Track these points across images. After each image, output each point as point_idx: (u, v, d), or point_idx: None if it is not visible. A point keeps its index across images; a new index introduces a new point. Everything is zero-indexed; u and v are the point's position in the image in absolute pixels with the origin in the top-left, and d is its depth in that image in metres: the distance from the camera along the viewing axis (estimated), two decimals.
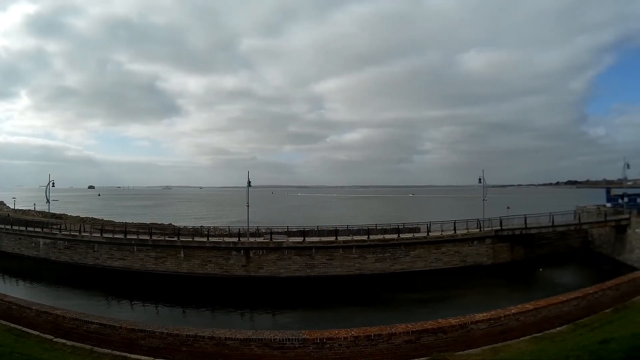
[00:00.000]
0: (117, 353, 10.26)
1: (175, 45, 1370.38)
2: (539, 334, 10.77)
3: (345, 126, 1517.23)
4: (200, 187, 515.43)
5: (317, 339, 9.43)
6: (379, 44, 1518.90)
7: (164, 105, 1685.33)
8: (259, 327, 17.86)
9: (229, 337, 9.73)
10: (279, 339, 9.53)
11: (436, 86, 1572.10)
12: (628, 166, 38.30)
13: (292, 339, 9.51)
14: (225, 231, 34.13)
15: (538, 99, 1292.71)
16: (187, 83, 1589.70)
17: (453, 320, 10.22)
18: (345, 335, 9.52)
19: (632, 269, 25.47)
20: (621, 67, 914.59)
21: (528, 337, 10.64)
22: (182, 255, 28.98)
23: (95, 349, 10.44)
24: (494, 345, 10.22)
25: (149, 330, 10.35)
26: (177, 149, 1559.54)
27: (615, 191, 43.22)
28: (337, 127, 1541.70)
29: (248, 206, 32.50)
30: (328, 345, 9.47)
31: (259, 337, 9.69)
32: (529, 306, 11.11)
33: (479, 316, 10.38)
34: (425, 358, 9.75)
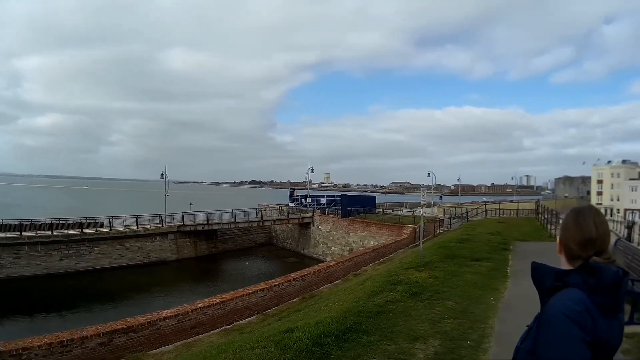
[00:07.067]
0: None
1: None
2: (229, 326, 11.49)
3: (39, 109, 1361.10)
4: None
5: (13, 350, 8.77)
6: (88, 27, 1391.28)
7: None
8: None
9: None
10: None
11: (133, 78, 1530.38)
12: (312, 170, 44.08)
13: None
14: None
15: (230, 102, 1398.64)
16: None
17: (141, 319, 10.31)
18: (39, 344, 9.04)
19: (318, 260, 29.43)
20: (314, 85, 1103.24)
21: (219, 329, 11.32)
22: None
23: None
24: (186, 340, 10.59)
25: None
26: None
27: (298, 192, 47.80)
28: (31, 109, 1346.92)
29: None
30: (25, 356, 8.81)
31: None
32: (215, 299, 11.78)
33: (167, 312, 10.76)
34: None
